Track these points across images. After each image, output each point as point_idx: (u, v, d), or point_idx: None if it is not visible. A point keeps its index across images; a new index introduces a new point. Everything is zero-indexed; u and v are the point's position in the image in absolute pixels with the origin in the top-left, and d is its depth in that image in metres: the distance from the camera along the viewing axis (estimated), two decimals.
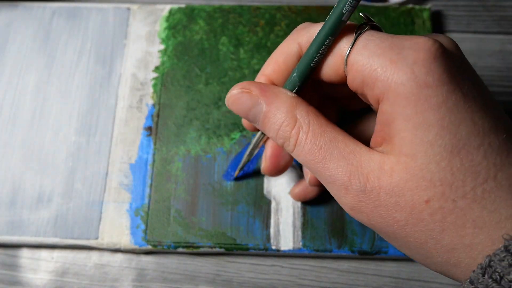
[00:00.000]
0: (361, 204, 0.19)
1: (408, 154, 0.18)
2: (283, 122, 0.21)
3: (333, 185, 0.20)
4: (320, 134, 0.20)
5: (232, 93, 0.22)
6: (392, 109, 0.19)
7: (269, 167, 0.27)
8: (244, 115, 0.22)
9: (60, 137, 0.33)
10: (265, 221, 0.30)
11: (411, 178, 0.18)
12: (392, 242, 0.20)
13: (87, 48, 0.35)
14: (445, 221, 0.18)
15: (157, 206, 0.31)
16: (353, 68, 0.20)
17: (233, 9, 0.36)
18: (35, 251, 0.31)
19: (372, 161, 0.19)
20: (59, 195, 0.31)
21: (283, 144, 0.22)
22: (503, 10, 0.37)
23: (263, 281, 0.30)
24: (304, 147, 0.21)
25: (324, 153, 0.20)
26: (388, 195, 0.19)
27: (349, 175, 0.20)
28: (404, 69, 0.18)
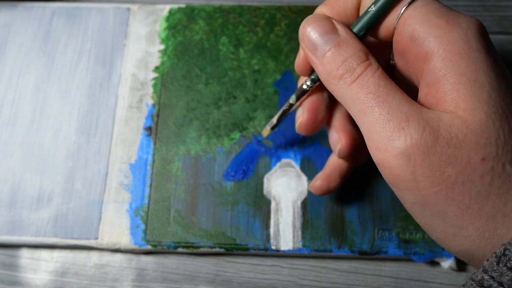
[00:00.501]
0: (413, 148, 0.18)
1: (466, 109, 0.18)
2: (354, 54, 0.21)
3: (388, 123, 0.19)
4: (386, 78, 0.20)
5: (313, 16, 0.22)
6: (444, 64, 0.19)
7: (307, 121, 0.26)
8: (314, 39, 0.22)
9: (60, 137, 0.33)
10: (265, 221, 0.30)
11: (470, 133, 0.18)
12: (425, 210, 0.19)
13: (87, 48, 0.35)
14: (492, 184, 0.18)
15: (157, 206, 0.31)
16: (405, 22, 0.20)
17: (233, 9, 0.36)
18: (35, 251, 0.31)
19: (432, 112, 0.19)
20: (59, 195, 0.31)
21: (342, 76, 0.21)
22: (503, 10, 0.37)
23: (263, 281, 0.30)
24: (370, 79, 0.20)
25: (388, 90, 0.20)
26: (446, 145, 0.18)
27: (408, 115, 0.19)
28: (458, 30, 0.19)
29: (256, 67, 0.34)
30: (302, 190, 0.31)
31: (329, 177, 0.28)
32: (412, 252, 0.29)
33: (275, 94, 0.33)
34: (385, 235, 0.29)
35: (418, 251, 0.29)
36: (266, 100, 0.33)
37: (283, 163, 0.31)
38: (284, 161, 0.31)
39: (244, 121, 0.33)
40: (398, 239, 0.29)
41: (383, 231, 0.29)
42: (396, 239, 0.29)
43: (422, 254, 0.29)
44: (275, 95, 0.33)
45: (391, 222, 0.30)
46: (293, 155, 0.32)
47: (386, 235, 0.29)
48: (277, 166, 0.31)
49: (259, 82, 0.34)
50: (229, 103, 0.33)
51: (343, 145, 0.26)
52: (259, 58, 0.34)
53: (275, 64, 0.34)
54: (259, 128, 0.32)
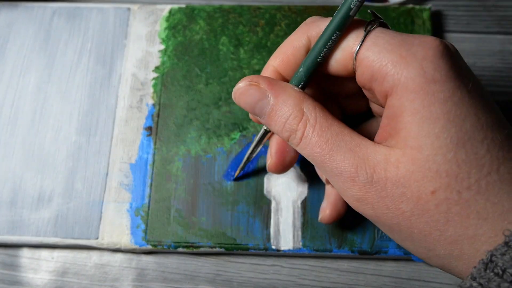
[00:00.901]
0: (367, 195, 0.20)
1: (415, 146, 0.19)
2: (290, 115, 0.21)
3: (340, 177, 0.20)
4: (327, 128, 0.21)
5: (239, 86, 0.23)
6: (400, 102, 0.19)
7: (275, 163, 0.27)
8: (250, 109, 0.23)
9: (61, 137, 0.33)
10: (265, 221, 0.30)
11: (418, 169, 0.19)
12: (395, 236, 0.21)
13: (88, 48, 0.35)
14: (450, 212, 0.18)
15: (157, 206, 0.31)
16: (362, 63, 0.20)
17: (233, 9, 0.36)
18: (36, 251, 0.31)
19: (378, 154, 0.20)
20: (60, 195, 0.31)
21: (289, 138, 0.22)
22: (503, 10, 0.37)
23: (263, 281, 0.30)
24: (311, 139, 0.21)
25: (331, 145, 0.20)
26: (395, 186, 0.19)
27: (356, 166, 0.20)
28: (413, 64, 0.19)
29: (256, 67, 0.34)
30: (302, 190, 0.31)
31: (336, 204, 0.28)
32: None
33: None
34: (385, 235, 0.29)
35: None
36: None
37: None
38: None
39: (244, 121, 0.33)
40: None
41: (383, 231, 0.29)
42: None
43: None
44: None
45: None
46: None
47: (386, 235, 0.29)
48: None
49: None
50: (229, 103, 0.33)
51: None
52: (259, 58, 0.34)
53: None
54: (259, 128, 0.32)
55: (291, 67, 0.24)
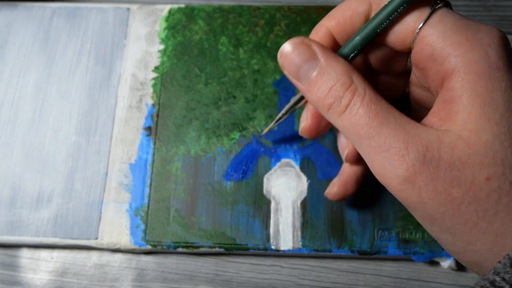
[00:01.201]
0: (415, 176, 0.19)
1: (473, 129, 0.18)
2: (338, 81, 0.20)
3: (386, 153, 0.19)
4: (376, 101, 0.20)
5: (287, 44, 0.22)
6: (462, 84, 0.19)
7: (310, 126, 0.25)
8: (295, 69, 0.21)
9: (60, 137, 0.33)
10: (265, 221, 0.30)
11: (474, 154, 0.18)
12: (435, 227, 0.20)
13: (87, 48, 0.35)
14: (500, 202, 0.18)
15: (156, 206, 0.31)
16: (424, 40, 0.20)
17: (233, 9, 0.36)
18: (35, 251, 0.31)
19: (431, 134, 0.19)
20: (59, 195, 0.31)
21: (331, 106, 0.20)
22: (503, 10, 0.37)
23: (263, 281, 0.30)
24: (359, 109, 0.20)
25: (381, 118, 0.19)
26: (449, 168, 0.18)
27: (406, 142, 0.19)
28: (479, 48, 0.19)
29: (255, 67, 0.34)
30: (302, 190, 0.31)
31: (345, 183, 0.27)
32: (412, 252, 0.29)
33: (275, 94, 0.33)
34: (384, 235, 0.29)
35: (417, 250, 0.29)
36: (266, 100, 0.33)
37: (283, 163, 0.31)
38: (283, 161, 0.32)
39: (243, 121, 0.33)
40: (397, 239, 0.29)
41: (382, 231, 0.29)
42: (395, 239, 0.29)
43: (422, 254, 0.29)
44: (275, 95, 0.33)
45: (390, 222, 0.30)
46: (293, 155, 0.32)
47: (385, 235, 0.29)
48: (276, 166, 0.31)
49: (259, 82, 0.34)
50: (229, 103, 0.33)
51: (350, 150, 0.26)
52: (259, 58, 0.34)
53: (274, 64, 0.34)
54: (258, 128, 0.32)
55: (346, 32, 0.22)
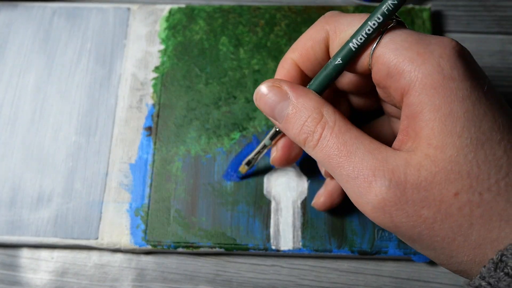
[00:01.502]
0: (384, 202, 0.19)
1: (437, 145, 0.18)
2: (309, 117, 0.21)
3: (356, 181, 0.20)
4: (346, 131, 0.21)
5: (260, 88, 0.23)
6: (419, 99, 0.19)
7: (281, 157, 0.27)
8: (270, 111, 0.23)
9: (60, 137, 0.33)
10: (265, 221, 0.30)
11: (440, 171, 0.18)
12: (415, 245, 0.20)
13: (87, 48, 0.35)
14: (473, 215, 0.18)
15: (157, 206, 0.31)
16: (379, 60, 0.20)
17: (233, 9, 0.36)
18: (35, 251, 0.31)
19: (398, 158, 0.19)
20: (59, 195, 0.31)
21: (306, 141, 0.21)
22: (503, 10, 0.37)
23: (263, 281, 0.30)
24: (329, 141, 0.20)
25: (349, 147, 0.20)
26: (416, 190, 0.18)
27: (374, 169, 0.19)
28: (431, 61, 0.19)
29: (256, 67, 0.34)
30: (302, 190, 0.31)
31: (331, 194, 0.28)
32: (412, 252, 0.29)
33: None
34: (385, 235, 0.29)
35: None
36: None
37: None
38: None
39: (244, 121, 0.33)
40: (398, 239, 0.29)
41: (383, 231, 0.29)
42: (396, 239, 0.29)
43: (422, 254, 0.29)
44: None
45: None
46: None
47: (386, 235, 0.29)
48: None
49: (259, 82, 0.33)
50: (229, 103, 0.33)
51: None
52: (259, 58, 0.34)
53: (275, 64, 0.34)
54: (259, 128, 0.32)
55: (310, 61, 0.24)
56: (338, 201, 0.28)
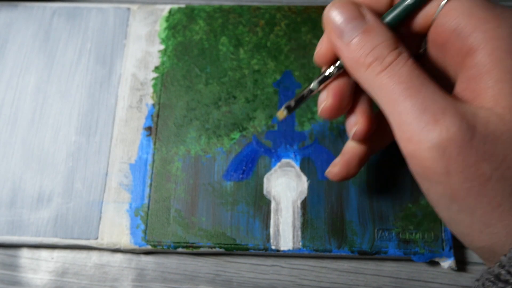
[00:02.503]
0: (448, 142, 0.18)
1: (506, 106, 0.18)
2: (384, 42, 0.20)
3: (422, 114, 0.18)
4: (418, 67, 0.20)
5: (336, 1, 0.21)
6: (490, 60, 0.18)
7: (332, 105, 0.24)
8: (341, 25, 0.21)
9: (60, 137, 0.33)
10: (265, 221, 0.30)
11: (508, 131, 0.18)
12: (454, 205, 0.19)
13: (87, 48, 0.35)
14: None
15: (157, 206, 0.31)
16: (448, 14, 0.20)
17: (233, 9, 0.36)
18: (35, 251, 0.31)
19: (467, 107, 0.18)
20: (59, 195, 0.31)
21: (371, 64, 0.20)
22: None
23: (263, 281, 0.30)
24: (402, 68, 0.19)
25: (422, 80, 0.19)
26: (483, 140, 0.18)
27: (444, 107, 0.18)
28: (506, 26, 0.19)
29: (256, 67, 0.34)
30: (302, 190, 0.31)
31: (348, 164, 0.26)
32: (412, 252, 0.29)
33: (275, 94, 0.33)
34: (384, 235, 0.29)
35: (417, 251, 0.29)
36: (266, 100, 0.33)
37: (283, 163, 0.31)
38: (284, 161, 0.32)
39: (244, 121, 0.33)
40: (397, 239, 0.29)
41: (383, 231, 0.29)
42: (395, 239, 0.29)
43: (422, 254, 0.29)
44: (275, 95, 0.33)
45: (390, 222, 0.30)
46: (293, 155, 0.32)
47: (386, 235, 0.29)
48: (277, 166, 0.31)
49: (259, 82, 0.34)
50: (229, 103, 0.33)
51: (361, 127, 0.24)
52: (259, 58, 0.34)
53: (275, 64, 0.34)
54: (259, 128, 0.32)
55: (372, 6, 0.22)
56: (354, 172, 0.26)
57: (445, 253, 0.29)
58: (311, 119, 0.32)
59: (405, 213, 0.30)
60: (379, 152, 0.31)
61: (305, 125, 0.32)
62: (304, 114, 0.32)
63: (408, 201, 0.30)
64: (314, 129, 0.32)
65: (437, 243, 0.29)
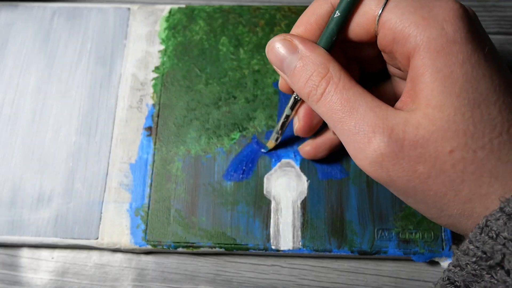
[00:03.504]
0: (382, 157, 0.20)
1: (436, 105, 0.19)
2: (314, 71, 0.22)
3: (356, 136, 0.20)
4: (350, 88, 0.21)
5: (273, 40, 0.23)
6: (422, 62, 0.20)
7: (303, 126, 0.27)
8: (279, 63, 0.23)
9: (60, 137, 0.33)
10: (265, 221, 0.30)
11: (437, 130, 0.19)
12: (409, 200, 0.21)
13: (87, 48, 0.35)
14: (465, 171, 0.19)
15: (157, 206, 0.31)
16: (385, 26, 0.21)
17: (233, 9, 0.36)
18: (35, 251, 0.31)
19: (398, 117, 0.20)
20: (59, 195, 0.31)
21: (309, 94, 0.22)
22: (503, 10, 0.37)
23: (263, 281, 0.30)
24: (333, 96, 0.21)
25: (352, 103, 0.21)
26: (413, 147, 0.19)
27: (374, 126, 0.20)
28: (435, 25, 0.20)
29: (256, 67, 0.34)
30: (302, 190, 0.31)
31: (318, 146, 0.30)
32: (412, 252, 0.29)
33: (275, 94, 0.33)
34: (384, 235, 0.29)
35: (417, 250, 0.29)
36: (266, 100, 0.33)
37: (283, 163, 0.32)
38: (284, 161, 0.32)
39: (244, 121, 0.33)
40: (397, 239, 0.29)
41: (382, 231, 0.30)
42: (395, 239, 0.29)
43: (422, 254, 0.29)
44: (275, 95, 0.33)
45: (390, 222, 0.30)
46: (293, 155, 0.32)
47: (385, 235, 0.29)
48: (277, 166, 0.31)
49: (259, 82, 0.34)
50: (229, 103, 0.33)
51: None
52: (259, 58, 0.34)
53: None
54: (259, 128, 0.32)
55: (314, 36, 0.24)
56: (322, 155, 0.30)
57: (445, 252, 0.29)
58: None
59: (405, 213, 0.30)
60: None
61: None
62: None
63: None
64: None
65: (437, 242, 0.29)
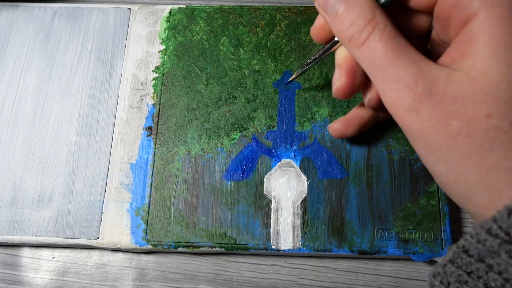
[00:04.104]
0: (421, 106, 0.20)
1: (482, 69, 0.19)
2: (361, 15, 0.21)
3: (397, 85, 0.20)
4: (395, 37, 0.21)
5: None
6: (480, 27, 0.20)
7: (345, 84, 0.25)
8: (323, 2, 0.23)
9: (61, 137, 0.33)
10: (265, 221, 0.30)
11: (479, 91, 0.19)
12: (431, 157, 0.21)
13: (88, 48, 0.35)
14: (496, 139, 0.19)
15: (157, 205, 0.31)
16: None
17: (233, 9, 0.36)
18: (36, 251, 0.31)
19: (441, 72, 0.20)
20: (60, 195, 0.31)
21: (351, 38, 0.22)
22: None
23: (263, 281, 0.30)
24: (377, 43, 0.21)
25: (396, 53, 0.21)
26: (451, 102, 0.19)
27: (416, 76, 0.20)
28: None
29: (256, 67, 0.34)
30: (302, 190, 0.31)
31: (348, 122, 0.29)
32: (411, 252, 0.29)
33: (275, 94, 0.33)
34: (384, 235, 0.29)
35: (417, 250, 0.29)
36: (266, 100, 0.33)
37: (283, 163, 0.32)
38: (284, 161, 0.32)
39: (244, 121, 0.33)
40: (397, 238, 0.29)
41: (382, 231, 0.30)
42: (395, 238, 0.29)
43: (421, 254, 0.29)
44: (275, 95, 0.33)
45: (390, 222, 0.30)
46: (293, 155, 0.32)
47: (385, 235, 0.29)
48: (277, 166, 0.32)
49: (259, 82, 0.34)
50: (229, 103, 0.33)
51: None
52: (259, 58, 0.34)
53: (275, 64, 0.34)
54: (259, 128, 0.32)
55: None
56: (351, 131, 0.29)
57: (444, 252, 0.29)
58: (311, 119, 0.32)
59: (405, 213, 0.30)
60: (378, 151, 0.31)
61: (305, 125, 0.32)
62: (304, 114, 0.33)
63: (408, 201, 0.30)
64: (314, 129, 0.32)
65: (437, 242, 0.29)
